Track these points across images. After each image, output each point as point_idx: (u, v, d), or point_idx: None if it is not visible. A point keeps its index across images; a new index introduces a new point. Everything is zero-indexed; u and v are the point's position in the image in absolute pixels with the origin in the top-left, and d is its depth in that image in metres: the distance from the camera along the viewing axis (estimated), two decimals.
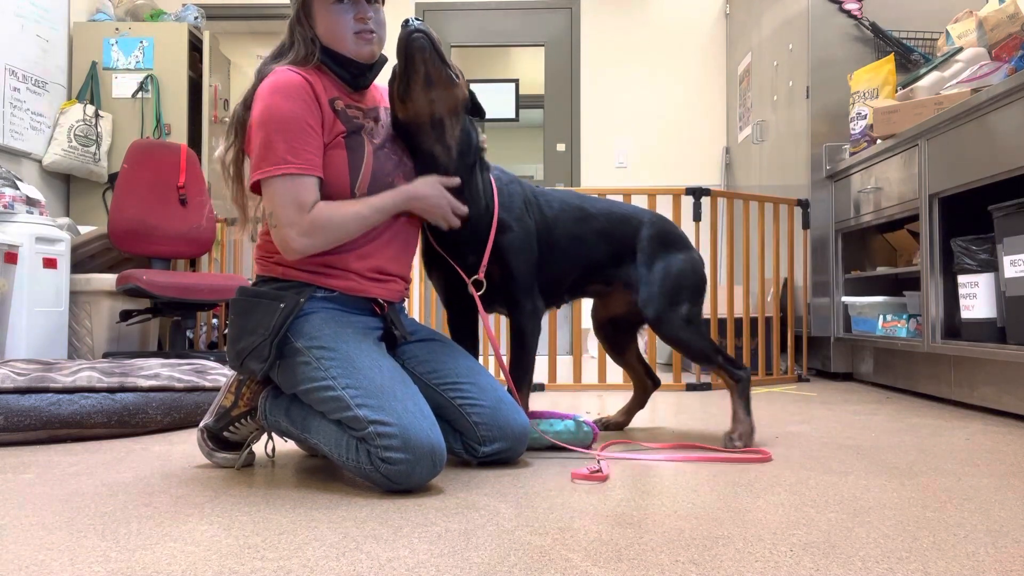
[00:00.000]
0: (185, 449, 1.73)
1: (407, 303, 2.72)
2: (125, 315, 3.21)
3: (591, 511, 1.17)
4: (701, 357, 1.76)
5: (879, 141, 2.95)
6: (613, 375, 3.25)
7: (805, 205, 3.43)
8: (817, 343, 3.51)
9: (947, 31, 3.07)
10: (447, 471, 1.45)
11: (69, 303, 3.23)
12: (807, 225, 3.44)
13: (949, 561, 0.94)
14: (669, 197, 4.32)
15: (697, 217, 3.14)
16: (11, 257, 2.92)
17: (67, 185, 4.31)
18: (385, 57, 1.53)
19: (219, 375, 2.18)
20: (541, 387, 3.02)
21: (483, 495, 1.27)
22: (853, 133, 3.22)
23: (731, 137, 4.96)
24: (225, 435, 1.53)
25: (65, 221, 3.52)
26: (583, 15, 5.11)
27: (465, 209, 1.53)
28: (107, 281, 3.30)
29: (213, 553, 0.97)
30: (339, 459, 1.33)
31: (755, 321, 3.44)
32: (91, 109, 4.16)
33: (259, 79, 1.44)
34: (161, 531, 1.07)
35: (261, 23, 5.31)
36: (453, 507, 1.20)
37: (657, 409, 2.44)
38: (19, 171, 3.85)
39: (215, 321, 3.95)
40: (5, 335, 2.92)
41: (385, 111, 1.55)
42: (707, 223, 3.20)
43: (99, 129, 4.18)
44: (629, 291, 1.79)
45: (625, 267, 1.79)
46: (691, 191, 3.14)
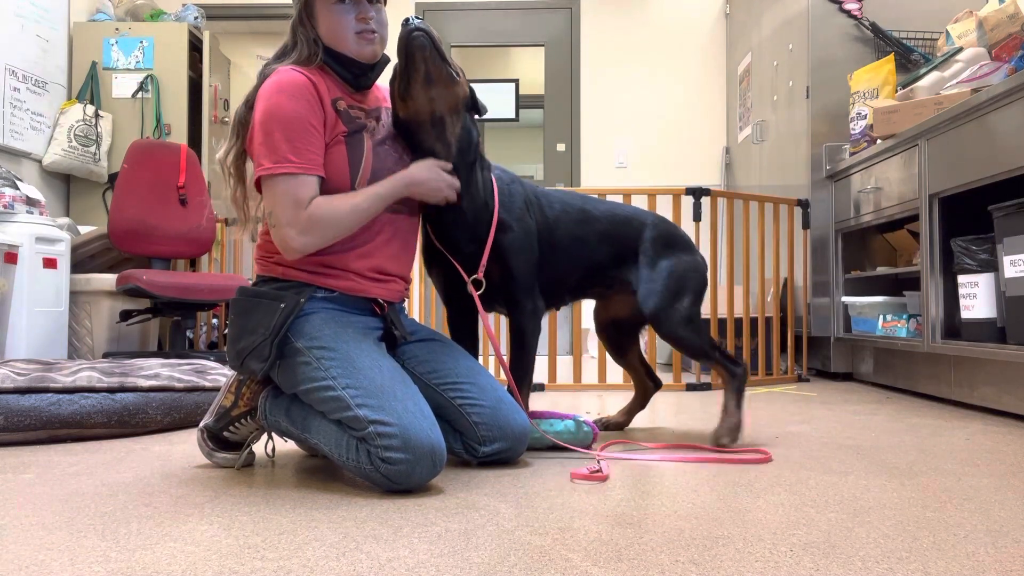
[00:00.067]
0: (185, 449, 1.73)
1: (407, 303, 2.72)
2: (125, 315, 3.21)
3: (591, 511, 1.17)
4: (699, 354, 1.77)
5: (879, 141, 2.95)
6: (613, 375, 3.25)
7: (805, 205, 3.43)
8: (817, 343, 3.51)
9: (947, 31, 3.07)
10: (447, 471, 1.45)
11: (69, 303, 3.23)
12: (807, 225, 3.44)
13: (949, 561, 0.94)
14: (669, 197, 4.30)
15: (697, 217, 3.14)
16: (11, 257, 2.92)
17: (67, 185, 4.31)
18: (387, 57, 1.53)
19: (219, 375, 2.18)
20: (541, 387, 3.02)
21: (483, 495, 1.27)
22: (853, 133, 3.22)
23: (731, 137, 4.96)
24: (225, 435, 1.53)
25: (65, 221, 3.52)
26: (583, 15, 5.11)
27: (458, 183, 1.52)
28: (107, 281, 3.30)
29: (213, 553, 0.97)
30: (339, 459, 1.33)
31: (755, 321, 3.44)
32: (91, 109, 4.16)
33: (261, 80, 1.44)
34: (161, 531, 1.07)
35: (261, 23, 5.31)
36: (453, 507, 1.20)
37: (657, 409, 2.44)
38: (19, 171, 3.85)
39: (215, 321, 3.95)
40: (5, 335, 2.92)
41: (387, 111, 1.56)
42: (707, 223, 3.21)
43: (99, 129, 4.18)
44: (631, 293, 1.79)
45: (627, 269, 1.78)
46: (691, 191, 3.15)
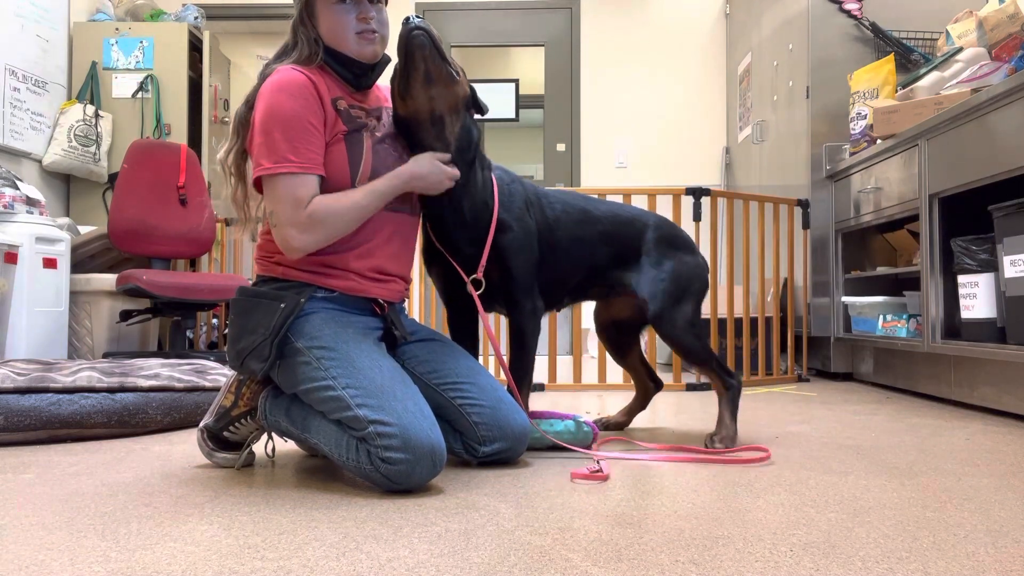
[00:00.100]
0: (185, 449, 1.73)
1: (407, 303, 2.72)
2: (125, 315, 3.21)
3: (591, 511, 1.17)
4: (698, 360, 1.76)
5: (879, 141, 2.95)
6: (613, 375, 3.25)
7: (805, 205, 3.43)
8: (817, 343, 3.51)
9: (947, 31, 3.07)
10: (447, 471, 1.45)
11: (69, 303, 3.23)
12: (807, 225, 3.44)
13: (949, 561, 0.94)
14: (669, 197, 4.31)
15: (697, 217, 3.14)
16: (11, 257, 2.92)
17: (67, 185, 4.31)
18: (388, 57, 1.53)
19: (219, 375, 2.18)
20: (541, 387, 3.02)
21: (483, 495, 1.27)
22: (853, 133, 3.22)
23: (731, 137, 4.96)
24: (225, 435, 1.53)
25: (65, 221, 3.52)
26: (583, 15, 5.11)
27: (457, 172, 1.52)
28: (107, 281, 3.30)
29: (213, 553, 0.97)
30: (339, 459, 1.33)
31: (755, 321, 3.44)
32: (91, 109, 4.16)
33: (262, 80, 1.44)
34: (161, 531, 1.07)
35: (261, 23, 5.31)
36: (453, 507, 1.20)
37: (657, 409, 2.44)
38: (19, 171, 3.85)
39: (215, 321, 3.95)
40: (5, 335, 2.92)
41: (387, 111, 1.56)
42: (707, 223, 3.21)
43: (99, 129, 4.18)
44: (632, 294, 1.78)
45: (628, 270, 1.78)
46: (691, 191, 3.14)
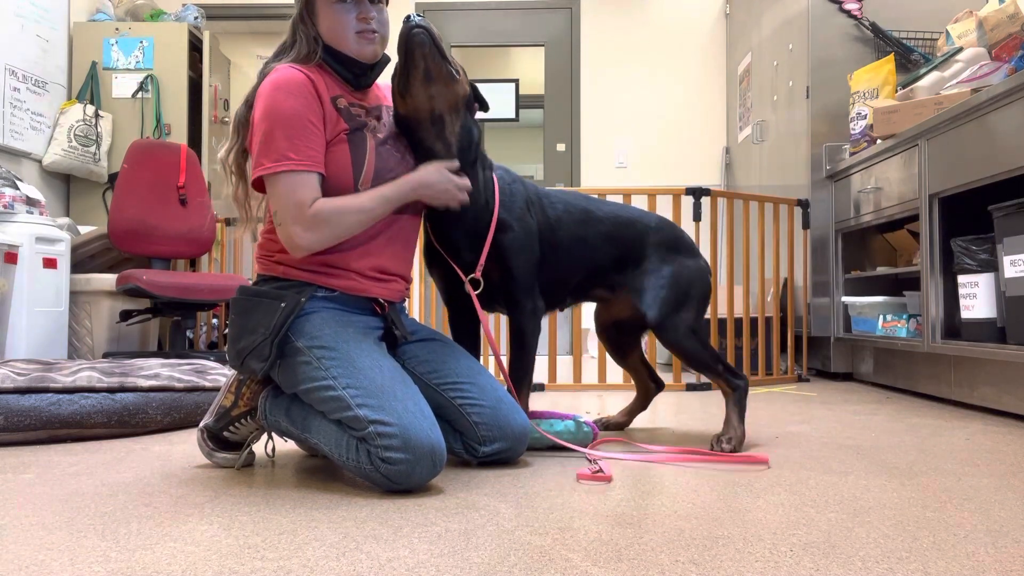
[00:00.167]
0: (185, 449, 1.73)
1: (407, 303, 2.72)
2: (125, 315, 3.21)
3: (591, 511, 1.17)
4: (702, 365, 1.73)
5: (879, 141, 2.95)
6: (613, 375, 3.25)
7: (805, 205, 3.43)
8: (817, 343, 3.51)
9: (947, 31, 3.07)
10: (447, 471, 1.45)
11: (69, 303, 3.23)
12: (807, 225, 3.44)
13: (949, 561, 0.94)
14: (669, 197, 4.33)
15: (697, 217, 3.14)
16: (11, 257, 2.92)
17: (67, 185, 4.31)
18: (388, 57, 1.53)
19: (219, 375, 2.18)
20: (541, 387, 3.02)
21: (483, 495, 1.27)
22: (853, 133, 3.22)
23: (731, 137, 4.96)
24: (225, 435, 1.53)
25: (65, 221, 3.52)
26: (583, 15, 5.11)
27: (468, 183, 1.52)
28: (107, 281, 3.30)
29: (213, 553, 0.97)
30: (339, 459, 1.33)
31: (755, 321, 3.44)
32: (91, 109, 4.16)
33: (261, 78, 1.44)
34: (161, 531, 1.07)
35: (261, 23, 5.31)
36: (453, 507, 1.20)
37: (657, 409, 2.44)
38: (19, 171, 3.85)
39: (215, 321, 3.95)
40: (5, 335, 2.92)
41: (387, 109, 1.56)
42: (707, 223, 3.21)
43: (99, 129, 4.18)
44: (634, 297, 1.76)
45: (630, 271, 1.77)
46: (691, 191, 3.14)
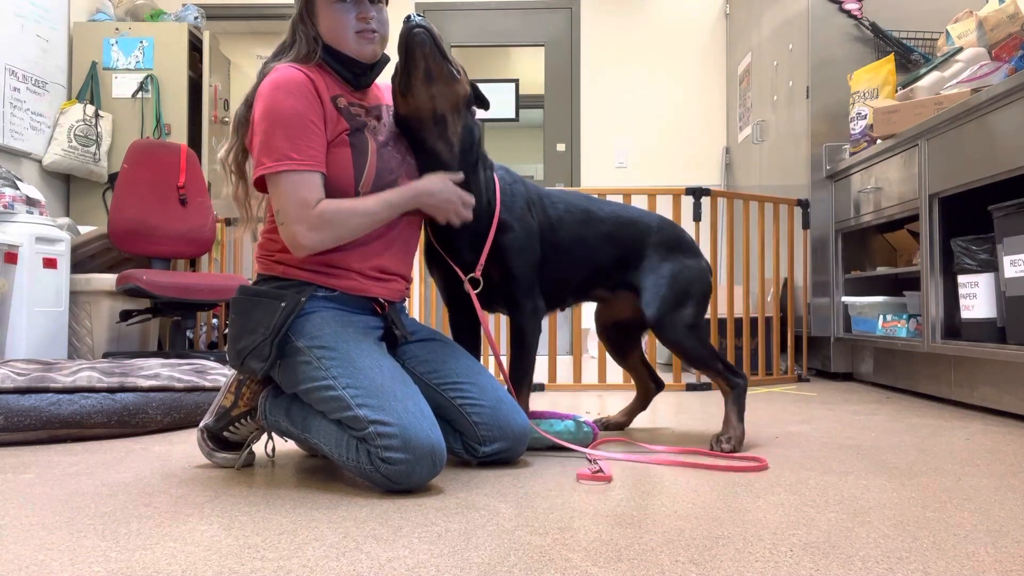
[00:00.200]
0: (185, 449, 1.73)
1: (407, 303, 2.72)
2: (125, 315, 3.21)
3: (591, 511, 1.17)
4: (701, 363, 1.73)
5: (879, 141, 2.95)
6: (613, 375, 3.25)
7: (805, 205, 3.43)
8: (817, 343, 3.51)
9: (947, 31, 3.07)
10: (447, 471, 1.45)
11: (69, 303, 3.23)
12: (807, 225, 3.44)
13: (949, 561, 0.94)
14: (669, 197, 4.33)
15: (697, 217, 3.14)
16: (11, 257, 2.92)
17: (67, 185, 4.31)
18: (387, 56, 1.53)
19: (219, 375, 2.18)
20: (541, 387, 3.02)
21: (483, 495, 1.27)
22: (853, 133, 3.22)
23: (731, 137, 4.96)
24: (225, 435, 1.53)
25: (65, 221, 3.52)
26: (583, 15, 5.11)
27: (473, 200, 1.53)
28: (107, 281, 3.30)
29: (213, 553, 0.97)
30: (339, 459, 1.33)
31: (755, 321, 3.44)
32: (91, 109, 4.16)
33: (261, 78, 1.44)
34: (161, 531, 1.07)
35: (261, 23, 5.31)
36: (453, 507, 1.20)
37: (657, 409, 2.44)
38: (19, 171, 3.85)
39: (215, 321, 3.95)
40: (5, 335, 2.92)
41: (387, 109, 1.56)
42: (707, 223, 3.21)
43: (99, 129, 4.18)
44: (634, 296, 1.77)
45: (631, 271, 1.76)
46: (691, 191, 3.14)
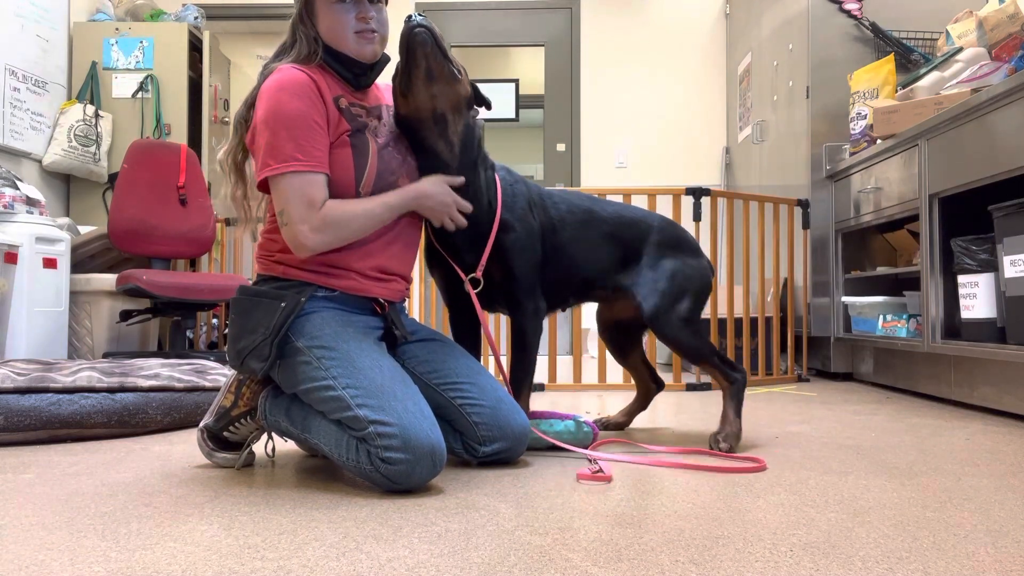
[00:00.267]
0: (185, 449, 1.73)
1: (407, 303, 2.72)
2: (125, 315, 3.21)
3: (591, 511, 1.17)
4: (698, 358, 1.73)
5: (879, 141, 2.95)
6: (613, 375, 3.25)
7: (805, 205, 3.43)
8: (817, 343, 3.51)
9: (947, 31, 3.07)
10: (447, 471, 1.45)
11: (69, 303, 3.23)
12: (807, 225, 3.44)
13: (949, 561, 0.94)
14: (669, 197, 4.33)
15: (697, 217, 3.14)
16: (11, 257, 2.92)
17: (67, 185, 4.31)
18: (388, 56, 1.53)
19: (219, 375, 2.18)
20: (541, 387, 3.02)
21: (483, 495, 1.27)
22: (853, 133, 3.22)
23: (731, 137, 4.96)
24: (225, 435, 1.53)
25: (65, 221, 3.52)
26: (583, 15, 5.11)
27: (471, 207, 1.53)
28: (107, 281, 3.30)
29: (213, 553, 0.97)
30: (339, 459, 1.33)
31: (755, 321, 3.44)
32: (91, 109, 4.16)
33: (262, 79, 1.44)
34: (161, 531, 1.07)
35: (261, 23, 5.31)
36: (453, 507, 1.20)
37: (657, 409, 2.44)
38: (19, 171, 3.85)
39: (215, 321, 3.95)
40: (5, 335, 2.92)
41: (387, 109, 1.56)
42: (707, 223, 3.21)
43: (99, 129, 4.18)
44: (632, 292, 1.76)
45: (632, 271, 1.76)
46: (691, 191, 3.14)
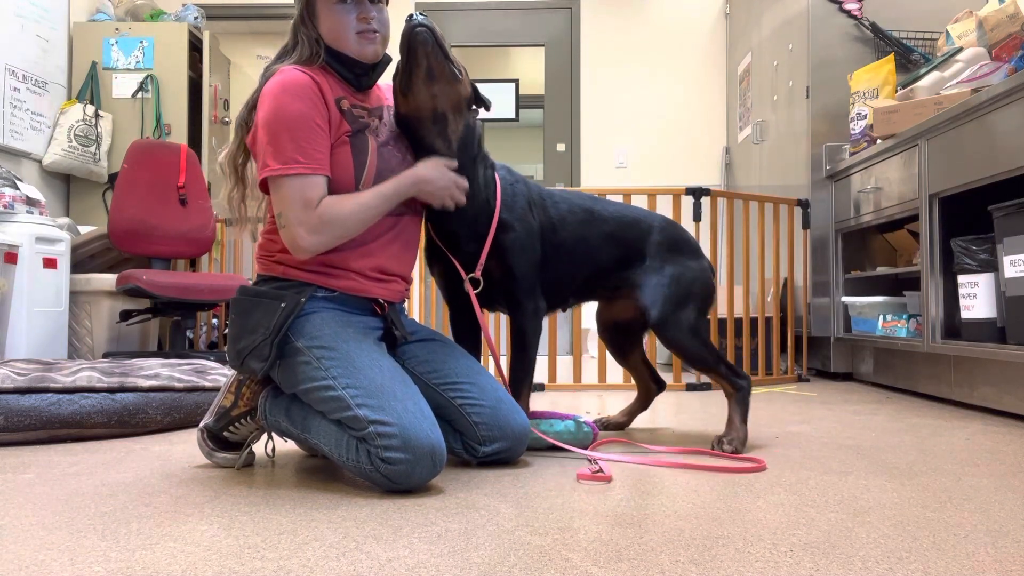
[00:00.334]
0: (185, 449, 1.73)
1: (407, 303, 2.72)
2: (125, 315, 3.21)
3: (591, 511, 1.17)
4: (703, 365, 1.72)
5: (879, 141, 2.95)
6: (613, 375, 3.25)
7: (805, 205, 3.43)
8: (817, 343, 3.51)
9: (947, 31, 3.07)
10: (447, 471, 1.45)
11: (69, 303, 3.23)
12: (807, 225, 3.44)
13: (949, 561, 0.94)
14: (669, 197, 4.33)
15: (697, 217, 3.14)
16: (11, 257, 2.92)
17: (67, 185, 4.31)
18: (389, 57, 1.53)
19: (219, 375, 2.18)
20: (541, 387, 3.02)
21: (483, 495, 1.27)
22: (853, 133, 3.22)
23: (731, 137, 4.96)
24: (225, 435, 1.53)
25: (65, 221, 3.52)
26: (583, 15, 5.11)
27: (467, 183, 1.53)
28: (107, 281, 3.30)
29: (213, 553, 0.97)
30: (339, 459, 1.33)
31: (755, 321, 3.44)
32: (91, 109, 4.16)
33: (264, 81, 1.44)
34: (161, 531, 1.07)
35: (261, 23, 5.32)
36: (453, 507, 1.20)
37: (657, 409, 2.44)
38: (19, 171, 3.85)
39: (215, 321, 3.95)
40: (5, 335, 2.92)
41: (388, 110, 1.56)
42: (707, 223, 3.21)
43: (99, 129, 4.18)
44: (635, 296, 1.76)
45: (633, 271, 1.76)
46: (691, 191, 3.14)
